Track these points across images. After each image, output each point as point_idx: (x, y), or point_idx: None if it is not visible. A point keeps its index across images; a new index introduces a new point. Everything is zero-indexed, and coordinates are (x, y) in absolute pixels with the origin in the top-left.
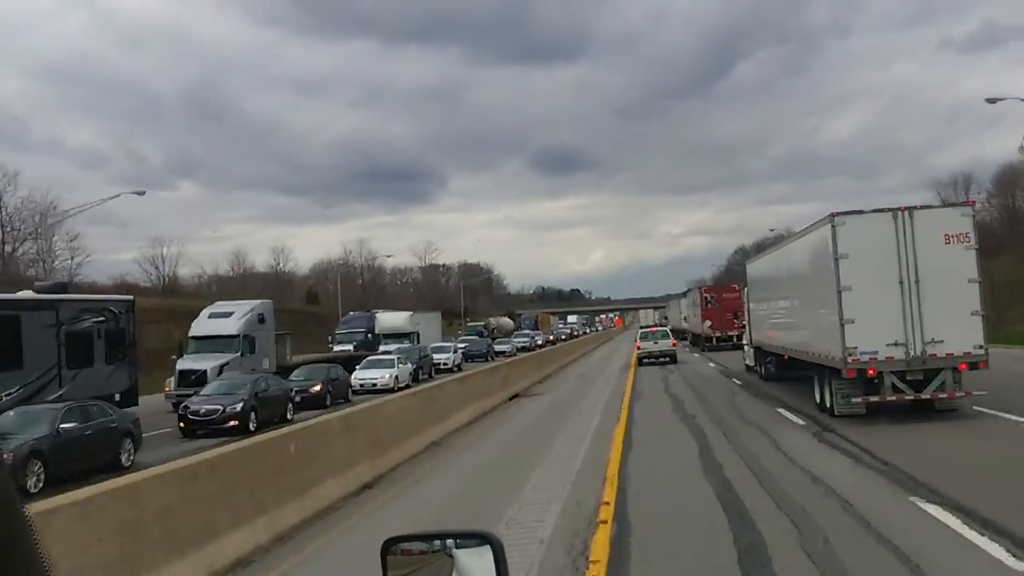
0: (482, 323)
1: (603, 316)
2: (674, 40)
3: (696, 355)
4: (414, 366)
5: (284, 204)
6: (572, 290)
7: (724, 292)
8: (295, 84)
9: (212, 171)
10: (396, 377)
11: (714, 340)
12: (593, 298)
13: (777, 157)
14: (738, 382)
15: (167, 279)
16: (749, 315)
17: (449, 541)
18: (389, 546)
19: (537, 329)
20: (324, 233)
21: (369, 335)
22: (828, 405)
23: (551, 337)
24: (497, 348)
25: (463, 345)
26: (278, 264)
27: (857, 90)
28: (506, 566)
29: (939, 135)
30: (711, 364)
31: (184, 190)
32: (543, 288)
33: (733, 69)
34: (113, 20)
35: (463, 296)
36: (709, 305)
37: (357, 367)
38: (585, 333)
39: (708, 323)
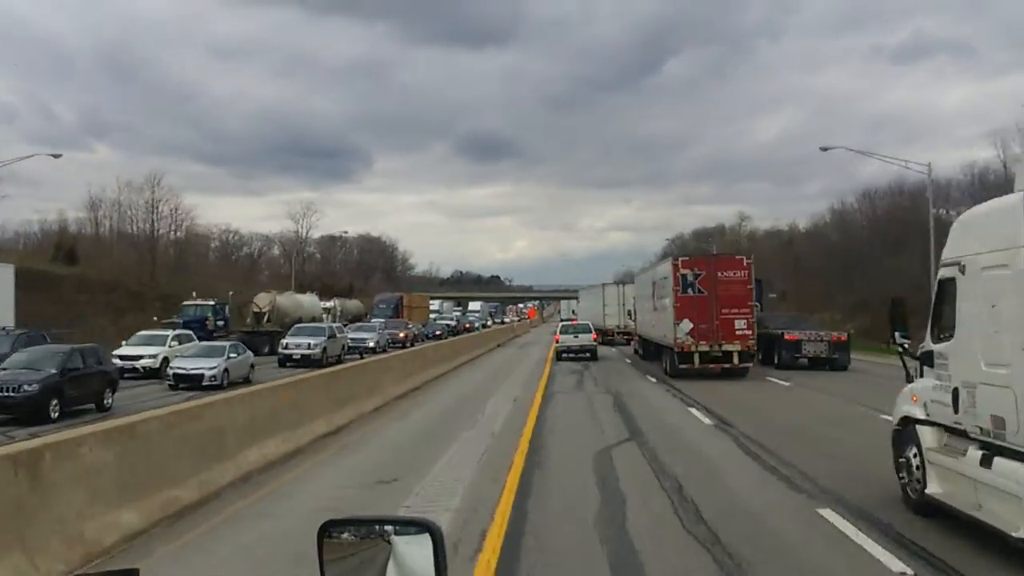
0: (212, 302)
1: (519, 306)
2: (605, 31)
3: (667, 394)
4: None
5: (199, 172)
6: (492, 276)
7: (724, 267)
8: (216, 49)
9: (127, 133)
10: None
11: (696, 359)
12: (513, 285)
13: (701, 158)
14: None
15: None
16: None
17: (388, 527)
18: (327, 529)
19: (399, 317)
20: (244, 205)
21: None
22: None
23: (404, 334)
24: (190, 368)
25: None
26: None
27: (784, 94)
28: (445, 556)
29: (864, 143)
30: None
31: (101, 152)
32: (460, 272)
33: (664, 65)
34: None
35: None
36: (691, 291)
37: None
38: (485, 326)
39: (687, 325)
